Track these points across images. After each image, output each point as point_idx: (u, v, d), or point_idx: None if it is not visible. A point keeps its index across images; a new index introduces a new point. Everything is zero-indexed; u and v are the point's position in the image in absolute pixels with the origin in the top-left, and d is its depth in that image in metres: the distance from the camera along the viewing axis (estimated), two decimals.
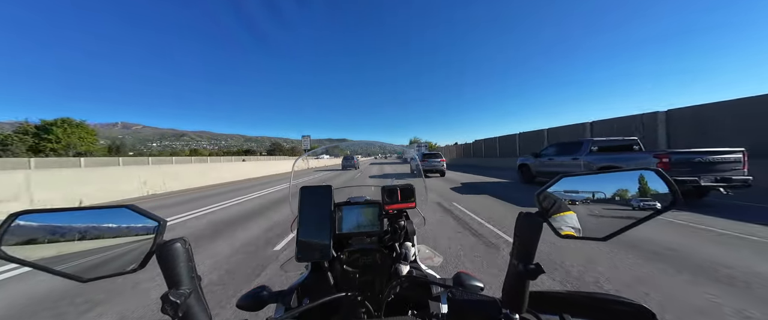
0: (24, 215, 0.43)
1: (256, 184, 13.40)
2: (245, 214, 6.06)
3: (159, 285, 2.70)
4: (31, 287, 2.78)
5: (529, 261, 0.49)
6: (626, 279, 2.54)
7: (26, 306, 2.43)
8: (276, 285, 0.76)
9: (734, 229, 3.88)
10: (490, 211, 5.66)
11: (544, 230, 0.50)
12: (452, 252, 3.38)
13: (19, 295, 2.62)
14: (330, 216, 0.78)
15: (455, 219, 5.03)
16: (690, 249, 3.19)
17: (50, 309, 2.33)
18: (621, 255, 3.05)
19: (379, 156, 20.39)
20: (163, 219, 0.50)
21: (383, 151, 15.29)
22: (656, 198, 0.44)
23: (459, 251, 3.40)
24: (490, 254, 3.29)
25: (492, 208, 5.96)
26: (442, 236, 4.00)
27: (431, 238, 3.87)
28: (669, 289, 2.34)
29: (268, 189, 10.92)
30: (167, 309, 0.43)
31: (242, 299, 0.74)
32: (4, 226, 0.42)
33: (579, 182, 0.50)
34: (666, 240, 3.51)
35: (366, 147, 26.78)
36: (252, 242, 3.96)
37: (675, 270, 2.68)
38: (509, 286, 0.53)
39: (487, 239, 3.83)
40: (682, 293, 2.27)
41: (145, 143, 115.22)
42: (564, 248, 3.22)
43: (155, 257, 0.47)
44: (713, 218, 4.52)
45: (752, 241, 3.39)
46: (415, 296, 0.83)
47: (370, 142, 3.39)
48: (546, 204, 0.51)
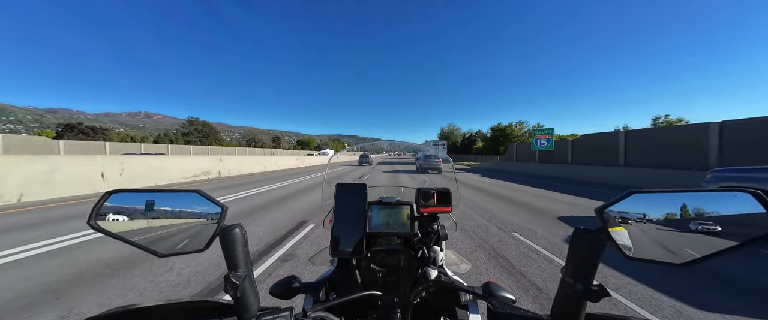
0: (116, 193, 0.49)
1: (296, 173, 16.72)
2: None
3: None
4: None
5: (588, 281, 0.46)
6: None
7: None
8: (305, 275, 0.80)
9: None
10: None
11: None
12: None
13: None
14: (364, 214, 0.79)
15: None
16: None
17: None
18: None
19: (394, 153, 18.32)
20: (225, 205, 0.54)
21: (399, 149, 14.08)
22: (749, 225, 0.39)
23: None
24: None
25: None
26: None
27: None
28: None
29: (306, 176, 13.50)
30: (229, 289, 0.47)
31: (274, 286, 0.79)
32: (100, 203, 0.48)
33: (652, 200, 0.45)
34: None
35: (389, 146, 27.20)
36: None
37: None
38: (561, 307, 0.50)
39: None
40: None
41: (166, 132, 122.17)
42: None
43: (218, 239, 0.51)
44: None
45: None
46: (443, 302, 0.81)
47: (393, 142, 3.38)
48: (610, 221, 0.47)
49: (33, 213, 5.43)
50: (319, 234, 4.15)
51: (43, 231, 4.16)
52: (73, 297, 2.30)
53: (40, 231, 4.16)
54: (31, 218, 4.99)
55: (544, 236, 4.23)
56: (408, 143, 1.99)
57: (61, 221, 4.76)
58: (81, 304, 2.21)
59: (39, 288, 2.44)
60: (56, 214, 5.30)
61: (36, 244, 3.56)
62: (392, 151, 5.41)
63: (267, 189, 9.22)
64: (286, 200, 7.25)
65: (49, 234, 4.00)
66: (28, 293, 2.35)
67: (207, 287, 2.55)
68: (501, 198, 8.27)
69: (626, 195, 0.47)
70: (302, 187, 9.88)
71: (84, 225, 4.06)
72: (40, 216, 5.18)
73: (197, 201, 0.54)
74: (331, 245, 0.76)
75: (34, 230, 4.21)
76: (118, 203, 0.49)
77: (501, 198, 8.11)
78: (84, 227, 4.14)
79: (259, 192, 8.72)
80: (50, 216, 5.11)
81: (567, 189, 10.73)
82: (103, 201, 0.48)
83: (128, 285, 2.57)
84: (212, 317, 0.56)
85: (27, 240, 3.69)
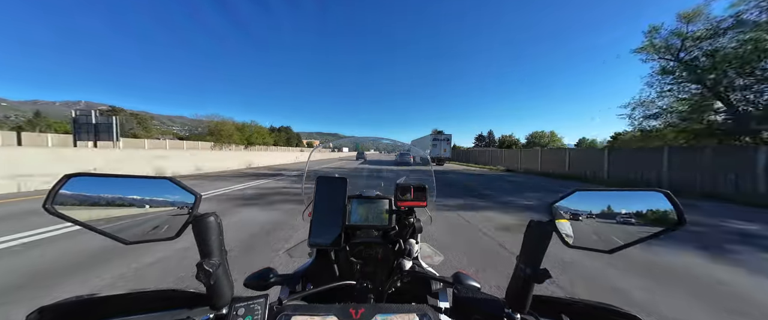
0: (76, 177, 0.46)
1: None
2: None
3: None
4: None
5: (536, 265, 0.52)
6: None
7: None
8: (281, 269, 0.80)
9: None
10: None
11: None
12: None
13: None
14: (343, 207, 0.81)
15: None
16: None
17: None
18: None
19: (382, 152, 16.02)
20: (199, 193, 0.53)
21: (383, 149, 12.83)
22: (663, 219, 0.47)
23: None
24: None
25: None
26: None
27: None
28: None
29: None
30: (201, 276, 0.47)
31: (249, 278, 0.77)
32: (58, 186, 0.45)
33: (592, 197, 0.53)
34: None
35: (374, 143, 26.22)
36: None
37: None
38: (514, 288, 0.56)
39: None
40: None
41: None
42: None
43: (191, 228, 0.51)
44: None
45: None
46: (415, 291, 0.86)
47: (375, 138, 3.41)
48: (557, 214, 0.55)
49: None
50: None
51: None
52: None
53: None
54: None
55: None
56: (393, 141, 1.89)
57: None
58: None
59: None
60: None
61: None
62: (380, 150, 5.36)
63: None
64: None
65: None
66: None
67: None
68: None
69: (572, 192, 0.54)
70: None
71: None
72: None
73: (168, 189, 0.52)
74: (309, 237, 0.77)
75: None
76: (81, 188, 0.46)
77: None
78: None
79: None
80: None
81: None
82: (61, 185, 0.45)
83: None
84: (183, 307, 0.55)
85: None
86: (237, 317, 0.48)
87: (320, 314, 0.47)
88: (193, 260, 0.53)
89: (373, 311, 0.48)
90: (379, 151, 7.39)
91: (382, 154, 9.90)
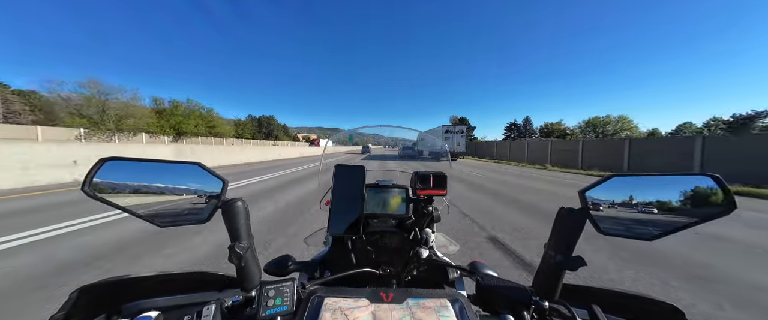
0: (110, 161, 0.47)
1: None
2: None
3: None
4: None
5: (568, 253, 0.51)
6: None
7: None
8: (298, 257, 0.82)
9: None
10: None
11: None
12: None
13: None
14: (361, 195, 0.81)
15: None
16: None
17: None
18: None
19: (387, 147, 15.10)
20: (226, 179, 0.54)
21: (384, 143, 12.25)
22: (711, 204, 0.45)
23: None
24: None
25: None
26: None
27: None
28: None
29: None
30: (233, 258, 0.48)
31: (269, 265, 0.79)
32: (94, 170, 0.46)
33: (629, 182, 0.51)
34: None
35: (374, 137, 24.51)
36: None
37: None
38: (542, 275, 0.55)
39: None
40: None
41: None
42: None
43: (220, 212, 0.51)
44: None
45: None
46: (432, 279, 0.86)
47: (379, 127, 3.25)
48: (590, 201, 0.53)
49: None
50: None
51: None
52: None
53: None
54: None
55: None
56: (405, 128, 1.73)
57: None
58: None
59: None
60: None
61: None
62: (382, 144, 5.14)
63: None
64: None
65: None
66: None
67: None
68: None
69: (607, 178, 0.52)
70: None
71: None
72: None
73: (197, 174, 0.53)
74: (328, 224, 0.77)
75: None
76: (115, 171, 0.47)
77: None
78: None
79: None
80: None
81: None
82: (97, 169, 0.46)
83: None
84: (214, 289, 0.56)
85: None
86: (268, 299, 0.49)
87: (352, 297, 0.47)
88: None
89: (404, 295, 0.48)
90: (382, 146, 6.95)
91: (386, 148, 9.40)
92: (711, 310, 2.09)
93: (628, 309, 0.55)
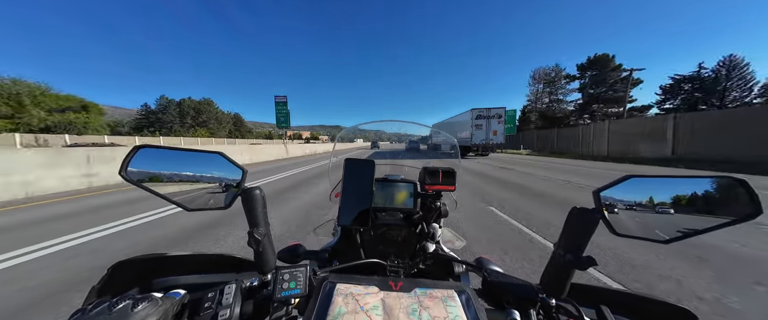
0: (143, 148, 0.52)
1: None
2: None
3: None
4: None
5: (579, 252, 0.50)
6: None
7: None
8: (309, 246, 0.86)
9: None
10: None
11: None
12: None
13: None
14: (370, 189, 0.83)
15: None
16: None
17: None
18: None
19: (394, 141, 12.89)
20: (245, 168, 0.57)
21: (388, 138, 10.87)
22: (734, 208, 0.43)
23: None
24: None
25: None
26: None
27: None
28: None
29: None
30: (251, 243, 0.51)
31: (282, 252, 0.83)
32: (129, 156, 0.50)
33: (646, 184, 0.49)
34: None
35: (377, 133, 23.18)
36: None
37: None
38: (550, 273, 0.55)
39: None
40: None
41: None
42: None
43: (240, 199, 0.55)
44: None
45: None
46: (438, 273, 0.87)
47: (381, 122, 3.01)
48: (604, 202, 0.51)
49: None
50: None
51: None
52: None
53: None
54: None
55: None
56: (417, 124, 1.44)
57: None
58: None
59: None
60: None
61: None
62: (390, 140, 5.16)
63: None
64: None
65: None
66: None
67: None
68: None
69: (623, 179, 0.51)
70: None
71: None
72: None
73: (219, 163, 0.56)
74: (338, 215, 0.80)
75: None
76: (147, 157, 0.51)
77: None
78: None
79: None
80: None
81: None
82: (132, 156, 0.50)
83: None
84: (233, 271, 0.60)
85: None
86: (283, 282, 0.52)
87: (363, 284, 0.49)
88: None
89: (412, 285, 0.50)
90: (390, 141, 6.90)
91: (394, 143, 9.21)
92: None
93: (638, 311, 0.54)
